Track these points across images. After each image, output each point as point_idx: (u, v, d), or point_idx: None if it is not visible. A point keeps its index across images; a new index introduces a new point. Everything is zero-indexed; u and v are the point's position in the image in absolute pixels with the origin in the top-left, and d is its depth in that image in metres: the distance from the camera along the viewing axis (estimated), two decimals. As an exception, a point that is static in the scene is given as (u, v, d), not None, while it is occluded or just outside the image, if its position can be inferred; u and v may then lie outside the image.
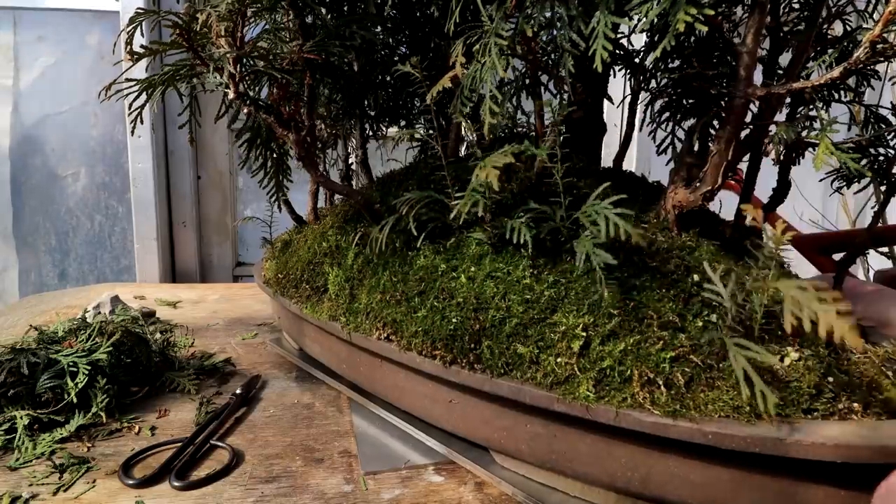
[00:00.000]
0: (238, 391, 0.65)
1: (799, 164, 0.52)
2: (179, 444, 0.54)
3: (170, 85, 0.58)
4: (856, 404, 0.35)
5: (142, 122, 0.61)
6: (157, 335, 0.76)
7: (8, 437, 0.54)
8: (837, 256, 0.91)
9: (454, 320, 0.46)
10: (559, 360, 0.41)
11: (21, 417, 0.55)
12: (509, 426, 0.46)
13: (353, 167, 0.85)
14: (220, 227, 1.61)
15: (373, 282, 0.55)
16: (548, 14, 0.44)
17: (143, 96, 0.59)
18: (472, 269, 0.48)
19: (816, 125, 0.47)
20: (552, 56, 0.57)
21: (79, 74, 1.47)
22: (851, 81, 0.53)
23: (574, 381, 0.40)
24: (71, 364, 0.59)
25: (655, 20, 0.38)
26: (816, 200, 1.75)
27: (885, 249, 1.05)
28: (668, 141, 0.61)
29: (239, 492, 0.48)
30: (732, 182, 0.95)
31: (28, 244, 1.53)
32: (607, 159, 0.63)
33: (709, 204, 0.45)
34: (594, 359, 0.40)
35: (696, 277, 0.42)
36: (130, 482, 0.49)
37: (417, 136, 0.76)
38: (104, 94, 0.57)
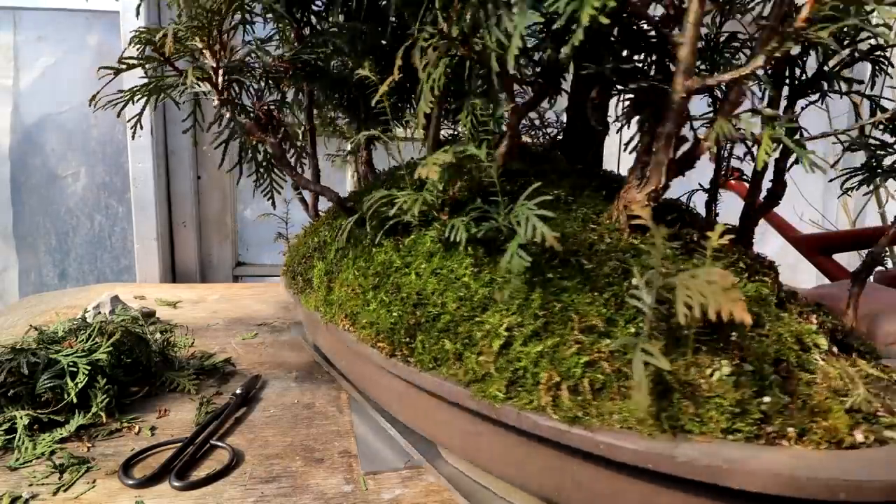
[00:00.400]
0: (238, 391, 0.65)
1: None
2: (179, 444, 0.54)
3: (154, 95, 0.60)
4: (790, 429, 0.32)
5: (141, 127, 0.62)
6: (157, 335, 0.76)
7: (8, 437, 0.54)
8: (837, 256, 0.92)
9: (395, 314, 0.48)
10: (480, 358, 0.40)
11: (21, 417, 0.55)
12: (446, 420, 0.46)
13: (361, 167, 0.86)
14: (220, 227, 1.61)
15: (343, 275, 0.57)
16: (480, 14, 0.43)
17: (134, 105, 0.61)
18: (423, 265, 0.49)
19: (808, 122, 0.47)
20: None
21: (79, 74, 1.47)
22: (850, 72, 0.52)
23: (489, 379, 0.39)
24: (71, 364, 0.59)
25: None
26: (816, 200, 1.75)
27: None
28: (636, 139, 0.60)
29: (239, 492, 0.48)
30: (733, 183, 0.95)
31: (28, 244, 1.53)
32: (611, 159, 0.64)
33: (654, 203, 0.43)
34: (511, 359, 0.39)
35: (633, 281, 0.40)
36: (130, 482, 0.49)
37: (375, 136, 0.77)
38: (93, 105, 0.58)
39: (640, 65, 0.50)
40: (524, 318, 0.40)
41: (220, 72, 0.57)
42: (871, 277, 0.74)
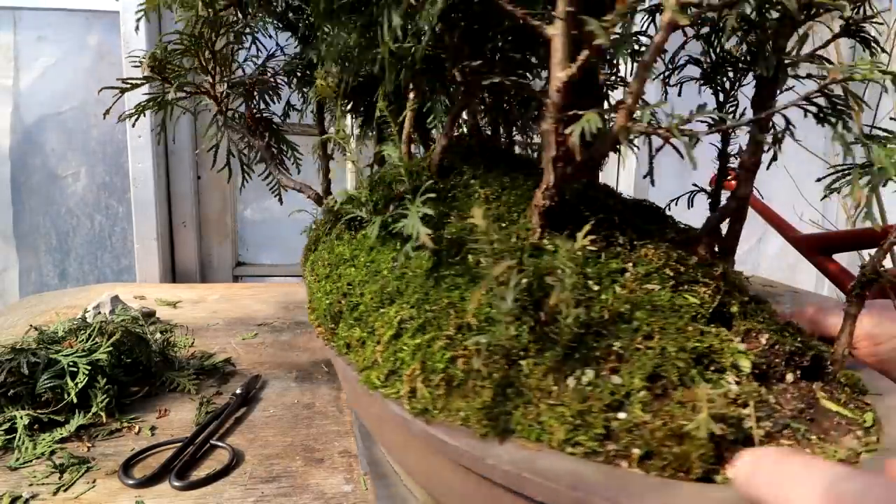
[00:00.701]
0: (238, 391, 0.65)
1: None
2: (179, 444, 0.54)
3: (161, 108, 0.64)
4: (635, 450, 0.30)
5: (163, 133, 0.65)
6: (157, 335, 0.76)
7: (8, 437, 0.54)
8: (837, 256, 0.92)
9: (328, 301, 0.50)
10: (376, 347, 0.41)
11: (21, 417, 0.55)
12: (363, 405, 0.47)
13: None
14: (220, 227, 1.61)
15: (315, 265, 0.60)
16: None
17: (144, 117, 0.70)
18: (363, 258, 0.51)
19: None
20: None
21: (79, 74, 1.47)
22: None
23: (375, 367, 0.40)
24: (71, 364, 0.59)
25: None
26: (816, 200, 1.75)
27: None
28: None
29: (239, 492, 0.48)
30: (729, 182, 0.95)
31: (28, 244, 1.53)
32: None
33: (550, 202, 0.41)
34: (396, 350, 0.40)
35: (523, 282, 0.39)
36: (130, 482, 0.49)
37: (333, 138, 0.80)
38: (105, 117, 0.63)
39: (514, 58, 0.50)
40: (419, 312, 0.41)
41: (217, 86, 0.62)
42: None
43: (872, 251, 0.41)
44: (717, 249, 0.50)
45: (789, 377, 0.36)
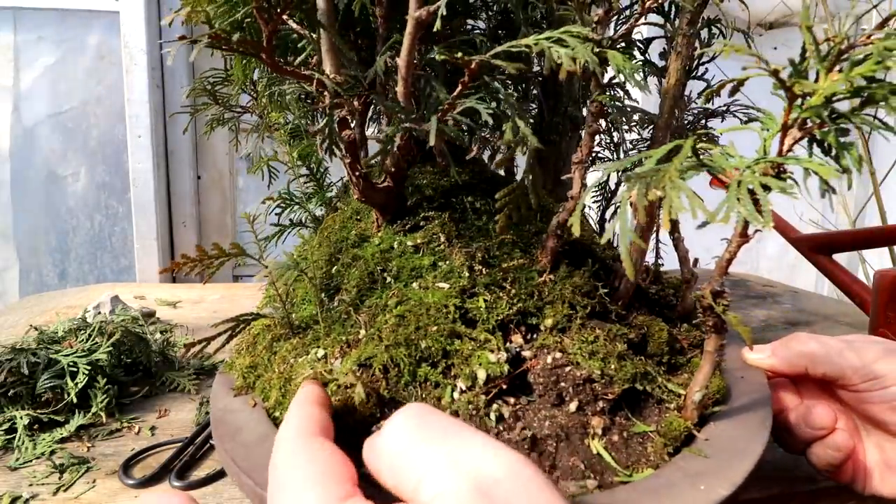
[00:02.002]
0: (238, 391, 0.66)
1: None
2: (179, 444, 0.54)
3: (219, 124, 0.69)
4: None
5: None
6: (157, 335, 0.76)
7: (8, 437, 0.54)
8: (837, 256, 0.92)
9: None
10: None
11: (21, 417, 0.55)
12: None
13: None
14: (220, 227, 1.61)
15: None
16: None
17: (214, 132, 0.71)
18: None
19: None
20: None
21: (79, 74, 1.47)
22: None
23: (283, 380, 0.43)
24: (71, 364, 0.59)
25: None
26: (816, 200, 1.75)
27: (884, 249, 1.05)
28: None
29: (239, 492, 0.48)
30: (718, 181, 0.95)
31: (29, 244, 1.53)
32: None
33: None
34: (294, 365, 0.43)
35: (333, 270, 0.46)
36: (130, 482, 0.49)
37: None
38: (185, 131, 0.70)
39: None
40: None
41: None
42: (871, 281, 0.74)
43: (872, 251, 0.40)
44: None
45: (572, 405, 0.34)
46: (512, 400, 0.34)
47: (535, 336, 0.37)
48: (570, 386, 0.34)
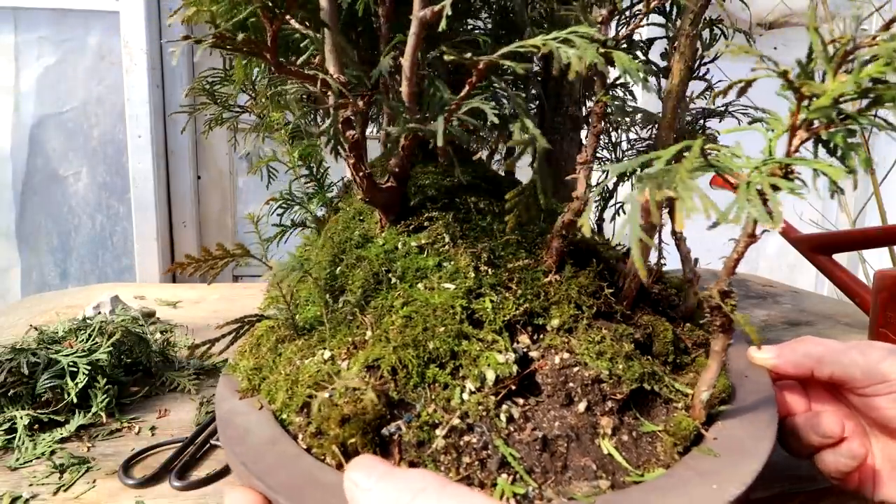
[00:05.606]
0: (238, 391, 0.65)
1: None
2: (179, 444, 0.54)
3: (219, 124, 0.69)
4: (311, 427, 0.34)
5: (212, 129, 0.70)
6: (157, 335, 0.76)
7: (8, 437, 0.54)
8: (837, 256, 0.92)
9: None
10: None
11: (21, 417, 0.55)
12: None
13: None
14: (220, 227, 1.61)
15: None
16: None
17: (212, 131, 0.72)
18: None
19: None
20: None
21: (79, 74, 1.47)
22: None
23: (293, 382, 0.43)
24: (71, 364, 0.59)
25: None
26: (816, 200, 1.76)
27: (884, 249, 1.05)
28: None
29: (239, 492, 0.48)
30: (722, 181, 0.95)
31: (30, 244, 1.53)
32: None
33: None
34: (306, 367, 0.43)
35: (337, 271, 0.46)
36: (130, 482, 0.49)
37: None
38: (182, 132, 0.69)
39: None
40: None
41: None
42: (871, 281, 0.74)
43: (872, 251, 0.40)
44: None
45: (581, 406, 0.34)
46: (521, 401, 0.34)
47: (541, 336, 0.37)
48: (578, 386, 0.34)
